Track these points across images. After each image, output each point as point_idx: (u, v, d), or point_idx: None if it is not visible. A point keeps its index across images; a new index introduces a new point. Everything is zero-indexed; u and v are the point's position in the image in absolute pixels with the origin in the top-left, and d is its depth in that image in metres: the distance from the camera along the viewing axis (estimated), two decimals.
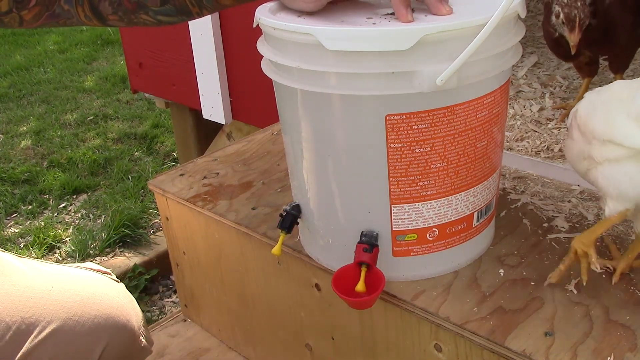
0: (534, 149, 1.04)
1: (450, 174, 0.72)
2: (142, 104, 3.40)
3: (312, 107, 0.71)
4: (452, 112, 0.68)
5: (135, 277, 2.03)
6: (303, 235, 0.87)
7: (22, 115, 3.33)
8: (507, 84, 0.74)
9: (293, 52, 0.69)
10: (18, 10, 0.78)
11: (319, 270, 0.84)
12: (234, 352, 1.11)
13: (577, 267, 0.78)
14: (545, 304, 0.72)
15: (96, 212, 2.42)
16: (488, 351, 0.68)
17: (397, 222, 0.74)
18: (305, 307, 0.90)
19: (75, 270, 0.94)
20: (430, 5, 0.68)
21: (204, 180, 1.07)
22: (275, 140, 1.21)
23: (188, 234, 1.07)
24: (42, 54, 4.24)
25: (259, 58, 0.75)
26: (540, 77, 1.30)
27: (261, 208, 0.97)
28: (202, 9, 0.81)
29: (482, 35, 0.62)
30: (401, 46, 0.62)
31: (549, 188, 0.96)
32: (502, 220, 0.88)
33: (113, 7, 0.81)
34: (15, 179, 2.69)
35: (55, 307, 0.84)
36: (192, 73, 1.97)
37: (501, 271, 0.78)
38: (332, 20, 0.70)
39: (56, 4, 0.80)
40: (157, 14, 0.81)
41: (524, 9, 0.70)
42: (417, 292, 0.76)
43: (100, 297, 0.89)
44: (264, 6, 0.75)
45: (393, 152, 0.69)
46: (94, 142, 3.01)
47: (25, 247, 2.22)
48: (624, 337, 0.67)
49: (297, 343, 0.96)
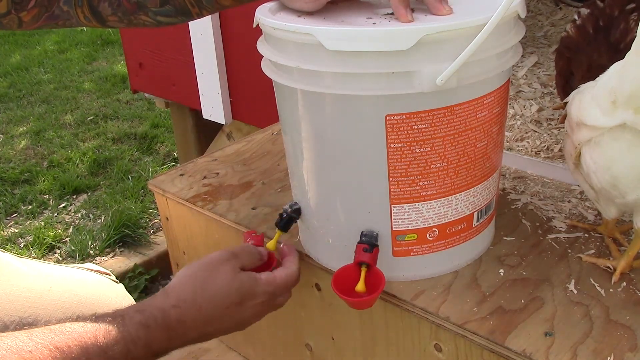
0: (534, 149, 1.04)
1: (450, 174, 0.72)
2: (142, 104, 3.40)
3: (312, 107, 0.71)
4: (452, 112, 0.68)
5: (135, 277, 2.03)
6: (303, 235, 0.87)
7: (22, 115, 3.33)
8: (507, 84, 0.74)
9: (293, 52, 0.69)
10: (17, 11, 0.78)
11: (319, 270, 0.84)
12: (233, 352, 1.11)
13: (577, 267, 0.78)
14: (545, 304, 0.72)
15: (96, 212, 2.42)
16: (488, 351, 0.68)
17: (397, 222, 0.74)
18: (305, 307, 0.90)
19: (74, 271, 0.94)
20: (430, 5, 0.68)
21: (204, 180, 1.07)
22: (275, 140, 1.21)
23: (188, 234, 1.07)
24: (42, 54, 4.23)
25: (259, 58, 0.75)
26: (540, 77, 1.30)
27: (261, 208, 0.97)
28: (201, 10, 0.81)
29: (482, 35, 0.62)
30: (401, 46, 0.62)
31: (549, 188, 0.96)
32: (502, 220, 0.88)
33: (112, 8, 0.81)
34: (15, 179, 2.69)
35: (53, 307, 0.84)
36: (192, 73, 1.97)
37: (501, 271, 0.78)
38: (332, 20, 0.70)
39: (55, 6, 0.80)
40: (156, 15, 0.81)
41: (524, 9, 0.70)
42: (417, 292, 0.76)
43: (98, 298, 0.89)
44: (264, 6, 0.75)
45: (393, 152, 0.69)
46: (94, 142, 3.01)
47: (25, 247, 2.22)
48: (624, 337, 0.67)
49: (297, 343, 0.96)
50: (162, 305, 0.67)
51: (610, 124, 0.65)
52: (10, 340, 0.57)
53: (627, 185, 0.68)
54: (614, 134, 0.66)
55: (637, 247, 0.75)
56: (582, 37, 0.87)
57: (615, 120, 0.65)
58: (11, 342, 0.56)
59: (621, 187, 0.69)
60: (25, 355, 0.55)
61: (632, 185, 0.68)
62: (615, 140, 0.67)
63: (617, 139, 0.67)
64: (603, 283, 0.75)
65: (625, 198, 0.70)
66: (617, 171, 0.68)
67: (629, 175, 0.68)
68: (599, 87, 0.68)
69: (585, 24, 0.87)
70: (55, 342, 0.58)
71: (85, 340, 0.59)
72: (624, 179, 0.68)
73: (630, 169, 0.67)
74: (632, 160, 0.66)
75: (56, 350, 0.57)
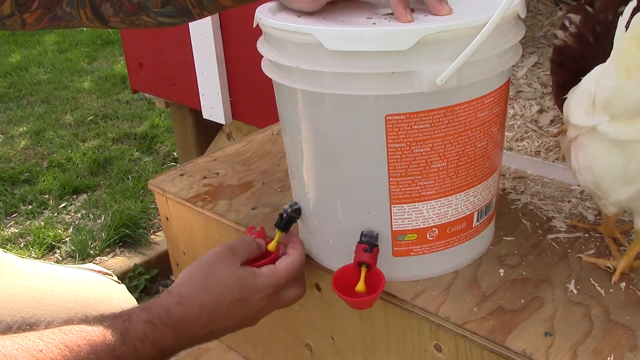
0: (534, 149, 1.04)
1: (450, 174, 0.72)
2: (142, 104, 3.40)
3: (312, 107, 0.71)
4: (452, 112, 0.68)
5: (136, 277, 2.04)
6: (303, 235, 0.87)
7: (22, 115, 3.33)
8: (507, 84, 0.74)
9: (293, 52, 0.69)
10: (20, 13, 0.78)
11: (319, 270, 0.84)
12: (233, 351, 1.11)
13: (577, 267, 0.78)
14: (545, 304, 0.72)
15: (96, 212, 2.42)
16: (488, 351, 0.69)
17: (397, 222, 0.74)
18: (305, 306, 0.90)
19: (76, 271, 0.94)
20: (430, 5, 0.68)
21: (204, 180, 1.07)
22: (275, 140, 1.21)
23: (188, 234, 1.07)
24: (42, 54, 4.24)
25: (259, 58, 0.75)
26: (540, 77, 1.30)
27: (261, 208, 0.97)
28: (202, 10, 0.81)
29: (482, 35, 0.62)
30: (401, 46, 0.63)
31: (549, 188, 0.96)
32: (502, 220, 0.88)
33: (114, 9, 0.81)
34: (15, 179, 2.69)
35: (56, 307, 0.84)
36: (192, 73, 1.97)
37: (501, 271, 0.78)
38: (332, 20, 0.70)
39: (58, 7, 0.80)
40: (158, 16, 0.82)
41: (524, 9, 0.70)
42: (417, 292, 0.76)
43: (101, 298, 0.89)
44: (264, 6, 0.75)
45: (393, 152, 0.69)
46: (94, 142, 3.01)
47: (25, 247, 2.22)
48: (624, 337, 0.67)
49: (297, 343, 0.96)
50: (165, 304, 0.68)
51: (589, 123, 0.67)
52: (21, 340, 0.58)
53: (608, 186, 0.69)
54: (593, 135, 0.67)
55: (637, 248, 0.75)
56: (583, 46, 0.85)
57: (593, 121, 0.66)
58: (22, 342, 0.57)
59: (603, 187, 0.70)
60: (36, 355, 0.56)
61: (613, 186, 0.69)
62: (596, 141, 0.68)
63: (597, 140, 0.67)
64: (603, 283, 0.75)
65: (609, 198, 0.70)
66: (597, 171, 0.69)
67: (608, 175, 0.68)
68: (581, 88, 0.70)
69: (582, 32, 0.84)
70: (65, 341, 0.59)
71: (94, 339, 0.61)
72: (604, 180, 0.69)
73: (609, 169, 0.68)
74: (610, 161, 0.67)
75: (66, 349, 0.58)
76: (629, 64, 0.60)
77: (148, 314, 0.66)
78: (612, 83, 0.62)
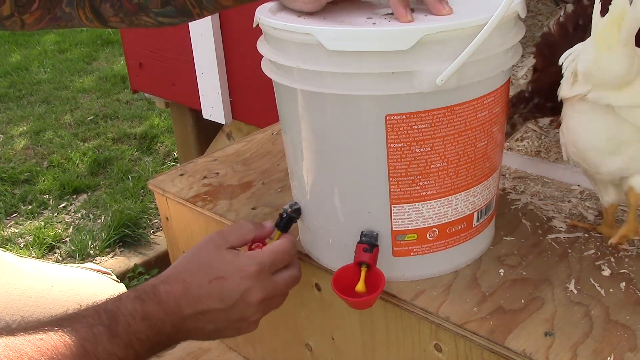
0: (534, 149, 1.04)
1: (450, 174, 0.72)
2: (142, 104, 3.40)
3: (312, 107, 0.71)
4: (452, 112, 0.68)
5: (135, 277, 2.04)
6: (303, 235, 0.87)
7: (22, 115, 3.33)
8: (507, 84, 0.74)
9: (293, 52, 0.69)
10: (20, 14, 0.78)
11: (319, 270, 0.84)
12: (234, 352, 1.11)
13: (577, 267, 0.78)
14: (545, 304, 0.72)
15: (96, 212, 2.42)
16: (488, 351, 0.69)
17: (397, 222, 0.74)
18: (305, 307, 0.90)
19: (75, 271, 0.94)
20: (430, 5, 0.68)
21: (204, 180, 1.07)
22: (275, 140, 1.21)
23: (188, 234, 1.07)
24: (42, 54, 4.24)
25: (259, 58, 0.75)
26: None
27: (261, 208, 0.97)
28: (202, 10, 0.81)
29: (482, 35, 0.62)
30: (401, 46, 0.63)
31: (549, 188, 0.96)
32: (502, 220, 0.88)
33: (114, 9, 0.81)
34: (15, 179, 2.69)
35: (55, 306, 0.84)
36: (192, 73, 1.97)
37: (501, 271, 0.78)
38: (332, 20, 0.70)
39: (57, 7, 0.80)
40: (157, 16, 0.82)
41: (524, 9, 0.70)
42: (417, 292, 0.76)
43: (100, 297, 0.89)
44: (264, 6, 0.75)
45: (393, 152, 0.69)
46: (94, 142, 3.01)
47: (25, 247, 2.23)
48: (624, 337, 0.67)
49: (297, 343, 0.96)
50: (152, 282, 0.72)
51: (570, 94, 0.70)
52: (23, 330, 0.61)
53: (595, 158, 0.72)
54: (576, 107, 0.71)
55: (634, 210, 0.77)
56: (562, 35, 0.87)
57: (574, 91, 0.69)
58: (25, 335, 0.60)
59: (590, 161, 0.72)
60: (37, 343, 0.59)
61: (599, 157, 0.71)
62: (578, 113, 0.71)
63: (579, 112, 0.71)
64: (603, 283, 0.75)
65: (600, 171, 0.72)
66: (581, 144, 0.72)
67: (593, 147, 0.71)
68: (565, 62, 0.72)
69: (567, 22, 0.87)
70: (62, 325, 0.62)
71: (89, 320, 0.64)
72: (589, 152, 0.71)
73: (592, 141, 0.71)
74: (593, 132, 0.70)
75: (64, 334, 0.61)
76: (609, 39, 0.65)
77: (136, 291, 0.69)
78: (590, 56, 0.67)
